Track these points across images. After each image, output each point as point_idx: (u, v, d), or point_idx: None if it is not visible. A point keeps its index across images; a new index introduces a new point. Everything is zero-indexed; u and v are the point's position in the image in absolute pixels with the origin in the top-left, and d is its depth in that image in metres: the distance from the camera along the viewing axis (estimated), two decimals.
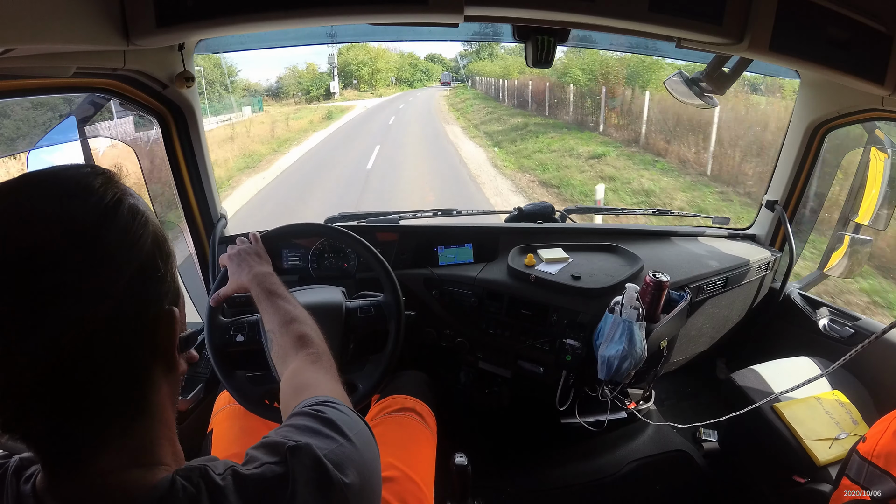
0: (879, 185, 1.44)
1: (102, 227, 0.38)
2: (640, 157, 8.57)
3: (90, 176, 0.41)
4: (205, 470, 0.41)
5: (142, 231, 0.41)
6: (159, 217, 1.02)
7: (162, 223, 0.46)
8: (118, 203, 0.40)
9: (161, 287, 0.43)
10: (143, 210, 0.42)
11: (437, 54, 41.38)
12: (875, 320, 1.44)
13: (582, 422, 1.41)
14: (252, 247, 0.94)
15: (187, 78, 1.10)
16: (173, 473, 0.40)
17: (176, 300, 0.45)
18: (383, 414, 1.07)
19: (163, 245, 0.43)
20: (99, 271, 0.37)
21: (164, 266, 0.43)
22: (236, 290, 0.90)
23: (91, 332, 0.37)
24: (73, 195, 0.39)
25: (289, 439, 0.45)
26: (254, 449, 0.45)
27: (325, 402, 0.52)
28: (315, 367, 0.66)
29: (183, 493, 0.39)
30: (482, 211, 1.80)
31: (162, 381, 0.44)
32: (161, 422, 0.44)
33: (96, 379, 0.38)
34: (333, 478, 0.43)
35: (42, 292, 0.35)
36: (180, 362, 0.46)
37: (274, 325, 0.76)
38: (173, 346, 0.44)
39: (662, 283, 1.21)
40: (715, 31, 0.89)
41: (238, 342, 1.05)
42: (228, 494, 0.39)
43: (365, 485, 0.46)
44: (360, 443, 0.48)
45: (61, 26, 0.66)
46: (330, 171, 9.44)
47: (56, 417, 0.37)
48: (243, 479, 0.41)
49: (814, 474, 1.12)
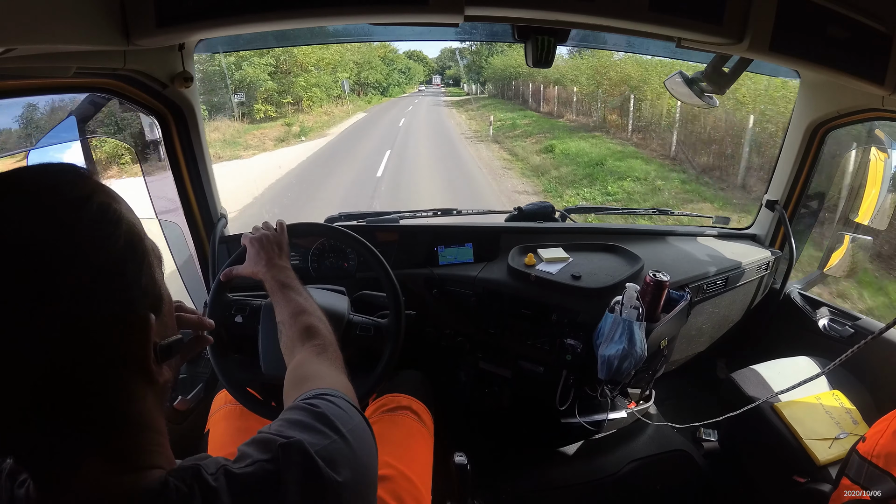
0: (879, 185, 1.44)
1: (64, 225, 0.36)
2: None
3: (59, 173, 0.40)
4: (197, 470, 0.40)
5: (112, 230, 0.39)
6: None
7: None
8: (84, 200, 0.38)
9: (132, 291, 0.40)
10: (117, 208, 0.40)
11: (417, 51, 32.67)
12: (875, 320, 1.44)
13: (582, 421, 1.41)
14: (276, 236, 0.93)
15: (187, 78, 1.10)
16: (166, 475, 0.40)
17: (157, 306, 0.42)
18: (379, 412, 1.07)
19: (137, 246, 0.40)
20: (57, 272, 0.35)
21: (138, 268, 0.40)
22: (250, 275, 0.90)
23: (52, 337, 0.35)
24: (35, 193, 0.37)
25: (280, 436, 0.44)
26: (246, 445, 0.44)
27: (321, 395, 0.52)
28: (319, 359, 0.66)
29: (176, 495, 0.38)
30: (482, 210, 1.80)
31: (143, 390, 0.41)
32: (149, 430, 0.42)
33: (62, 388, 0.36)
34: (325, 476, 0.42)
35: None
36: (162, 372, 0.42)
37: (284, 316, 0.77)
38: (146, 355, 0.40)
39: (662, 282, 1.21)
40: (715, 31, 0.89)
41: (236, 322, 1.05)
42: (221, 495, 0.39)
43: (359, 482, 0.45)
44: (354, 439, 0.48)
45: (61, 26, 0.66)
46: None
47: (25, 428, 0.36)
48: (235, 478, 0.40)
49: (814, 474, 1.12)
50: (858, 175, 1.52)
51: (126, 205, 0.42)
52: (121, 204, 0.41)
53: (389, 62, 26.10)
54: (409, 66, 29.63)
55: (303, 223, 1.15)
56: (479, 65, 22.86)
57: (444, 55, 33.85)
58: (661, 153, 8.56)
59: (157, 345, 0.42)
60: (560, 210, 1.70)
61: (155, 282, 0.43)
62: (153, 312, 0.41)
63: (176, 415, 1.20)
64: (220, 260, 1.30)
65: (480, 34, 1.45)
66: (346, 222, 1.50)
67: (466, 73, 25.81)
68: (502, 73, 19.46)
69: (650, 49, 1.59)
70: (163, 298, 0.44)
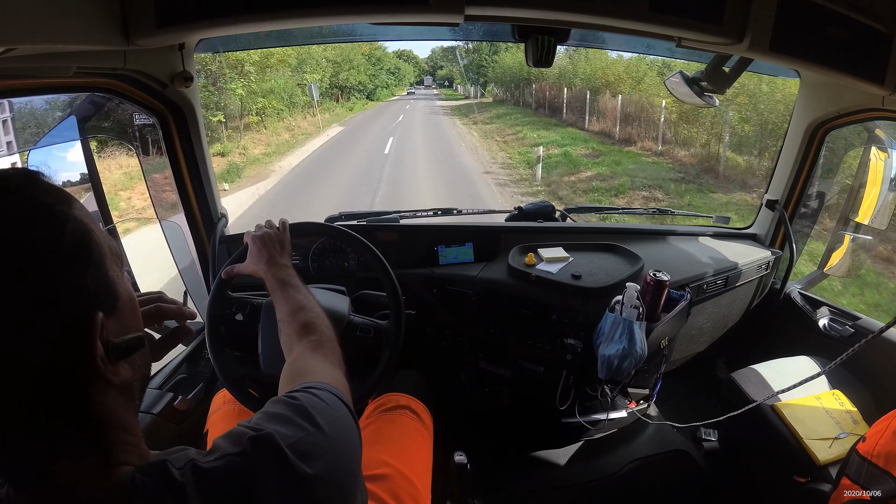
0: (879, 185, 1.44)
1: (17, 227, 0.37)
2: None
3: (9, 178, 0.40)
4: (163, 465, 0.40)
5: (56, 233, 0.39)
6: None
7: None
8: (30, 204, 0.38)
9: (80, 292, 0.39)
10: (61, 210, 0.40)
11: (407, 51, 30.05)
12: (875, 320, 1.44)
13: (582, 421, 1.41)
14: (278, 234, 0.93)
15: (187, 77, 1.11)
16: (133, 471, 0.40)
17: (110, 304, 0.42)
18: (378, 412, 1.07)
19: (83, 247, 0.40)
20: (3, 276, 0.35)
21: (83, 268, 0.40)
22: (251, 273, 0.90)
23: (15, 341, 0.35)
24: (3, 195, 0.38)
25: (252, 429, 0.44)
26: (220, 438, 0.44)
27: (306, 388, 0.51)
28: (314, 354, 0.66)
29: (142, 490, 0.38)
30: (482, 210, 1.80)
31: (103, 389, 0.40)
32: (117, 428, 0.41)
33: (32, 391, 0.37)
34: (296, 469, 0.42)
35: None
36: (118, 371, 0.41)
37: (284, 314, 0.77)
38: (92, 355, 0.39)
39: (663, 282, 1.21)
40: (715, 30, 0.89)
41: (237, 320, 1.05)
42: (188, 489, 0.39)
43: (334, 473, 0.45)
44: (332, 430, 0.47)
45: (61, 26, 0.66)
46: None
47: (4, 430, 0.37)
48: (202, 472, 0.40)
49: (814, 474, 1.12)
50: (858, 175, 1.52)
51: (78, 204, 0.42)
52: (70, 204, 0.41)
53: (376, 61, 22.33)
54: (399, 66, 26.11)
55: (303, 223, 1.15)
56: (480, 64, 20.73)
57: (435, 55, 31.39)
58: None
59: (110, 343, 0.41)
60: (560, 210, 1.70)
61: (107, 280, 0.42)
62: (104, 311, 0.40)
63: (176, 415, 1.20)
64: (220, 259, 1.30)
65: (480, 34, 1.45)
66: (346, 222, 1.50)
67: (465, 74, 23.17)
68: (514, 74, 16.23)
69: (650, 49, 1.59)
70: (118, 296, 0.43)
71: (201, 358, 1.36)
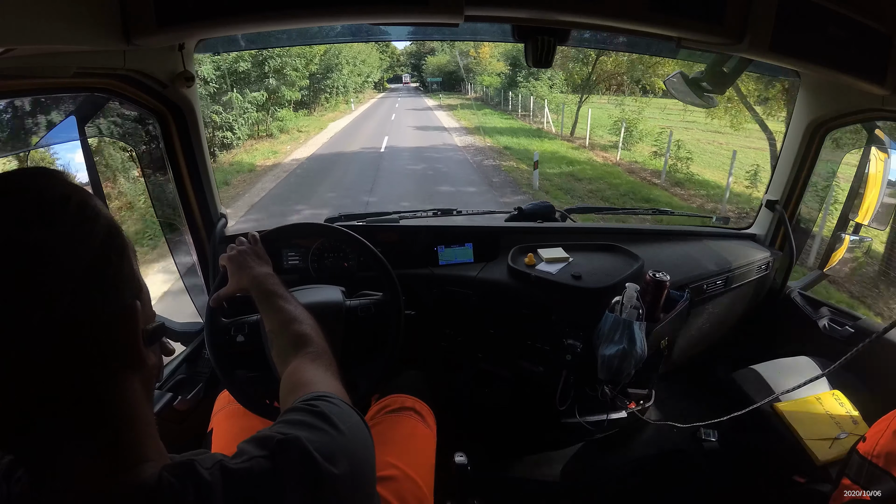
0: (879, 185, 1.44)
1: (45, 226, 0.37)
2: None
3: (34, 177, 0.41)
4: (192, 465, 0.41)
5: (91, 226, 0.40)
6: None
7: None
8: (63, 200, 0.39)
9: (117, 282, 0.41)
10: (93, 204, 0.41)
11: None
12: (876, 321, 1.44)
13: (582, 422, 1.41)
14: (251, 248, 0.94)
15: (187, 78, 1.10)
16: (160, 469, 0.40)
17: (138, 293, 0.44)
18: (383, 413, 1.07)
19: (115, 238, 0.42)
20: (43, 272, 0.36)
21: (119, 259, 0.42)
22: (236, 291, 0.90)
23: (45, 337, 0.36)
24: (8, 193, 0.38)
25: (279, 433, 0.44)
26: (245, 443, 0.45)
27: (319, 396, 0.52)
28: (314, 366, 0.66)
29: (170, 490, 0.39)
30: (482, 211, 1.81)
31: (131, 378, 0.42)
32: (138, 420, 0.43)
33: (57, 384, 0.37)
34: (323, 470, 0.43)
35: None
36: (149, 356, 0.44)
37: (274, 325, 0.76)
38: (137, 341, 0.42)
39: (662, 282, 1.21)
40: (715, 30, 0.89)
41: (238, 342, 1.05)
42: (215, 489, 0.39)
43: (356, 474, 0.46)
44: (352, 434, 0.48)
45: (61, 26, 0.66)
46: None
47: (19, 425, 0.37)
48: (231, 473, 0.41)
49: (814, 474, 1.12)
50: (858, 175, 1.52)
51: (94, 198, 0.43)
52: (96, 200, 0.43)
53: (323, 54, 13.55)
54: (365, 59, 16.67)
55: (303, 223, 1.15)
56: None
57: (457, 55, 24.64)
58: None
59: (143, 330, 0.43)
60: (560, 210, 1.70)
61: (134, 271, 0.44)
62: (137, 300, 0.43)
63: (176, 415, 1.20)
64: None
65: (480, 34, 1.45)
66: (345, 222, 1.50)
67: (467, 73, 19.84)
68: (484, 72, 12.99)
69: (650, 49, 1.59)
70: (142, 287, 0.46)
71: (201, 358, 1.36)
